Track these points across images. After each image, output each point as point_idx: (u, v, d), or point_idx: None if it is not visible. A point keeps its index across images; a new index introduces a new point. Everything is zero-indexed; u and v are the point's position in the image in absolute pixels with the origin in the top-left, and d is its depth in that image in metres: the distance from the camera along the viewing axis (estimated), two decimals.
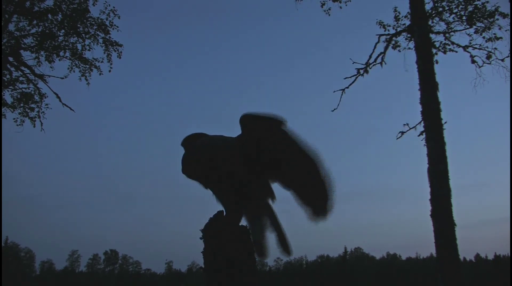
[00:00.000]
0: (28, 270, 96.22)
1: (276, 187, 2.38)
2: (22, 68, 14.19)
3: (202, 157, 2.22)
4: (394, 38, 13.29)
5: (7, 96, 14.51)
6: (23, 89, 14.57)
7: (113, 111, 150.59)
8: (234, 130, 2.28)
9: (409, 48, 13.19)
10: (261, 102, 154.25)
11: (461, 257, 10.16)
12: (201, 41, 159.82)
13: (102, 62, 14.75)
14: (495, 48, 12.79)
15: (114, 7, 14.48)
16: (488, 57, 12.82)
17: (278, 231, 2.30)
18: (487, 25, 12.61)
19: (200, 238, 2.17)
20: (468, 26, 12.82)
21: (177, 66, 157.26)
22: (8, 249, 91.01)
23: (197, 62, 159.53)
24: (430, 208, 10.16)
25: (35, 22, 14.03)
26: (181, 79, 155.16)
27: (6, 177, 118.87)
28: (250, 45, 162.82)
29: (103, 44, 14.60)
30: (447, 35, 13.07)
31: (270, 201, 2.35)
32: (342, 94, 13.15)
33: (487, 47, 12.83)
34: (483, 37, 12.80)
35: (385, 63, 13.20)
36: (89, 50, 14.63)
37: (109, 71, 14.79)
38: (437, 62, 12.06)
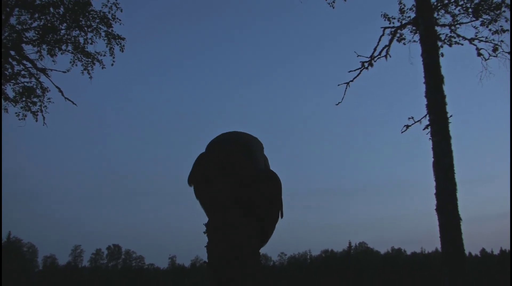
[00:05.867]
0: (31, 265, 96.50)
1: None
2: (24, 62, 14.12)
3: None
4: (399, 30, 13.18)
5: (9, 90, 14.47)
6: (25, 83, 14.52)
7: (116, 105, 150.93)
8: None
9: (414, 41, 13.11)
10: (265, 96, 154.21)
11: (467, 252, 10.09)
12: (207, 36, 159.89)
13: (104, 55, 14.69)
14: (502, 41, 12.68)
15: (116, 0, 14.38)
16: (495, 49, 12.71)
17: None
18: (493, 18, 12.49)
19: (204, 232, 2.07)
20: (474, 19, 12.71)
21: (183, 60, 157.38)
22: (10, 244, 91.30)
23: (203, 56, 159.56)
24: (435, 202, 10.09)
25: (36, 15, 13.96)
26: (186, 73, 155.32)
27: (8, 171, 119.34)
28: (256, 39, 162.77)
29: (106, 38, 14.52)
30: (452, 27, 12.97)
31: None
32: (346, 88, 13.08)
33: (493, 39, 12.73)
34: (490, 30, 12.70)
35: (390, 56, 13.11)
36: (91, 43, 14.58)
37: (112, 64, 14.74)
38: (442, 55, 11.97)
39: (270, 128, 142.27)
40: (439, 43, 12.25)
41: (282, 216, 2.23)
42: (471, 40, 12.91)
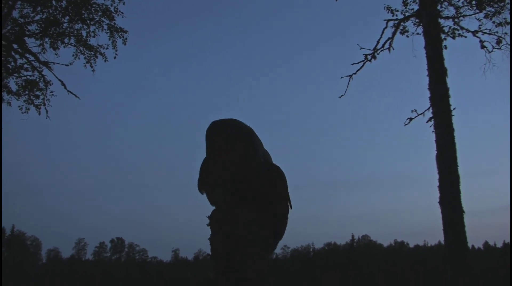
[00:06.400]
0: (34, 258, 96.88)
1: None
2: (27, 55, 14.12)
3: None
4: (402, 23, 13.15)
5: (12, 84, 14.48)
6: (28, 77, 14.52)
7: (119, 98, 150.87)
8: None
9: (418, 33, 13.06)
10: (268, 90, 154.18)
11: (470, 245, 10.09)
12: (210, 32, 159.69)
13: (107, 48, 14.66)
14: (506, 33, 12.63)
15: None
16: (498, 42, 12.67)
17: None
18: (497, 10, 12.44)
19: (207, 225, 2.09)
20: (477, 11, 12.66)
21: (187, 54, 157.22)
22: (14, 237, 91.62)
23: (206, 52, 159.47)
24: (438, 195, 10.09)
25: (39, 8, 13.94)
26: (190, 68, 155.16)
27: (12, 165, 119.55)
28: (259, 35, 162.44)
29: (108, 31, 14.49)
30: (456, 20, 12.91)
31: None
32: (349, 80, 13.07)
33: (497, 32, 12.68)
34: (493, 22, 12.64)
35: (393, 49, 13.10)
36: (94, 36, 14.55)
37: (114, 57, 14.71)
38: (445, 48, 11.92)
39: (273, 121, 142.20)
40: (443, 36, 12.20)
41: (291, 207, 2.25)
42: (474, 33, 12.87)
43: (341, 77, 13.12)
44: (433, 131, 10.59)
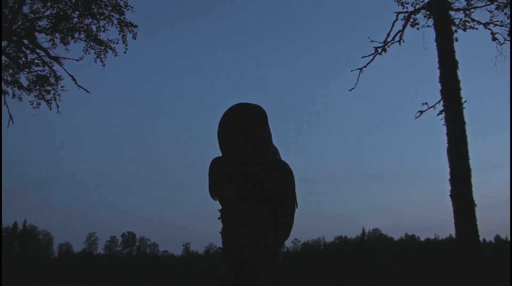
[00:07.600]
0: (46, 252, 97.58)
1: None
2: (37, 50, 14.15)
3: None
4: (412, 15, 13.07)
5: (23, 79, 14.54)
6: (39, 72, 14.56)
7: (129, 93, 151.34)
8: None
9: (428, 26, 12.97)
10: (278, 84, 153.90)
11: (481, 238, 10.07)
12: (223, 24, 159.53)
13: (117, 43, 14.65)
14: None
15: None
16: (510, 34, 12.56)
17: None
18: (509, 1, 12.33)
19: (218, 219, 2.09)
20: (489, 2, 12.54)
21: (196, 49, 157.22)
22: (26, 232, 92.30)
23: (219, 45, 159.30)
24: (449, 188, 10.05)
25: (49, 4, 13.96)
26: (199, 63, 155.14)
27: (24, 160, 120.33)
28: (273, 27, 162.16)
29: (118, 25, 14.48)
30: (467, 12, 12.81)
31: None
32: (360, 73, 13.02)
33: (508, 23, 12.56)
34: (505, 14, 12.53)
35: (404, 41, 13.03)
36: (104, 31, 14.54)
37: (124, 52, 14.69)
38: (456, 40, 11.83)
39: (284, 115, 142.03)
40: (454, 28, 12.11)
41: (297, 206, 2.25)
42: (486, 25, 12.76)
43: (351, 70, 13.10)
44: (444, 124, 10.55)
